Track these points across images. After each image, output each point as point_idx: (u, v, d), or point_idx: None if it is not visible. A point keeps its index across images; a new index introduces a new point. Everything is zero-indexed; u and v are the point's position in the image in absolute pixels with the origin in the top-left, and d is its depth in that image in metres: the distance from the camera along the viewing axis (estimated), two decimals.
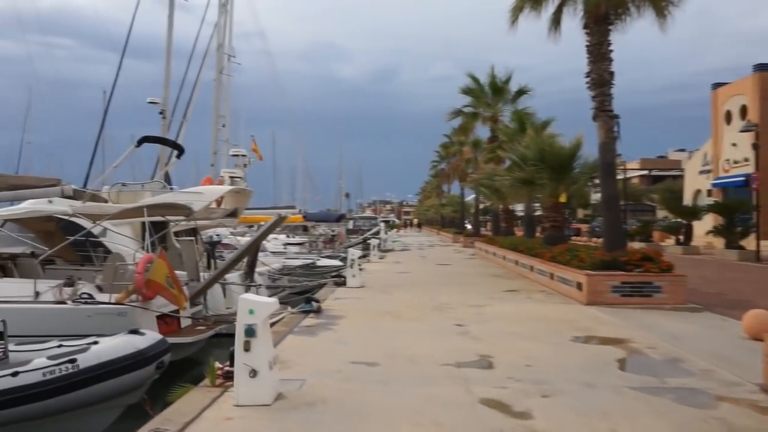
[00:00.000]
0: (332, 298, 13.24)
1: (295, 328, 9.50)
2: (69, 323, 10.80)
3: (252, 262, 17.20)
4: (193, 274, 14.38)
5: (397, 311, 11.25)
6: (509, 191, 19.65)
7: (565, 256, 13.90)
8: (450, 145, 50.73)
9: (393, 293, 14.17)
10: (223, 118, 31.53)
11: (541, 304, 12.18)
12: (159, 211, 14.37)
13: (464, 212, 52.23)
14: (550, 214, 17.52)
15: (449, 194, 68.72)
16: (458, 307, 11.83)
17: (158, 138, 19.24)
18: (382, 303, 12.42)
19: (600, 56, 13.24)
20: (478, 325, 9.67)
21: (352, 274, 15.60)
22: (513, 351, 7.72)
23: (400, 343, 8.28)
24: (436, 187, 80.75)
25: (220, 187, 18.87)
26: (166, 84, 27.46)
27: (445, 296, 13.43)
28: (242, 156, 22.81)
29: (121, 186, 17.30)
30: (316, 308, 11.17)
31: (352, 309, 11.63)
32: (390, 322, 10.14)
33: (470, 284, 16.22)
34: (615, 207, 13.44)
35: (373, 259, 25.69)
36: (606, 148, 13.24)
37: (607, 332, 9.01)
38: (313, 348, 8.00)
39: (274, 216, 14.20)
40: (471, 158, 39.76)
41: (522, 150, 18.08)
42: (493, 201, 28.21)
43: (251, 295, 5.70)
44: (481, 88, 30.26)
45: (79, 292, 11.27)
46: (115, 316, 10.83)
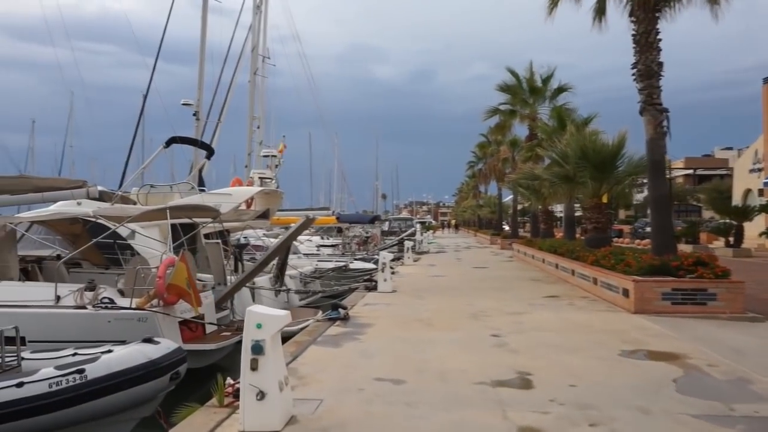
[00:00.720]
0: (361, 304, 12.63)
1: (318, 338, 8.91)
2: (89, 329, 10.46)
3: (282, 265, 16.76)
4: (219, 277, 13.99)
5: (428, 319, 10.59)
6: (549, 191, 18.77)
7: (610, 260, 13.02)
8: (487, 145, 49.70)
9: (426, 299, 13.49)
10: (258, 119, 31.40)
11: (584, 312, 11.35)
12: (185, 213, 13.99)
13: (502, 213, 51.15)
14: (592, 215, 16.59)
15: (486, 195, 67.61)
16: (495, 314, 11.10)
17: (187, 138, 18.96)
18: (414, 310, 11.76)
19: (647, 46, 12.34)
20: (516, 336, 8.93)
21: (384, 278, 14.97)
22: (554, 367, 6.98)
23: (431, 355, 7.62)
24: (473, 187, 79.57)
25: (250, 188, 18.48)
26: (200, 86, 27.38)
27: (481, 302, 12.70)
28: (273, 156, 22.41)
29: (150, 188, 17.05)
30: (343, 315, 10.57)
31: (382, 316, 11.00)
32: (421, 331, 9.48)
33: (508, 289, 15.43)
34: (664, 207, 12.50)
35: (407, 261, 25.00)
36: (654, 145, 12.33)
37: (659, 345, 8.17)
38: (336, 361, 7.39)
39: (302, 217, 13.67)
40: (508, 158, 38.73)
41: (562, 147, 17.19)
42: (531, 201, 27.19)
43: (259, 307, 5.12)
44: (519, 84, 29.29)
45: (100, 297, 10.93)
46: (135, 321, 10.46)
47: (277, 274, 16.69)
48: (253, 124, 31.25)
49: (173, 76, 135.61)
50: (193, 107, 26.97)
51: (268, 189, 18.86)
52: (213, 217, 14.34)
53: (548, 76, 28.82)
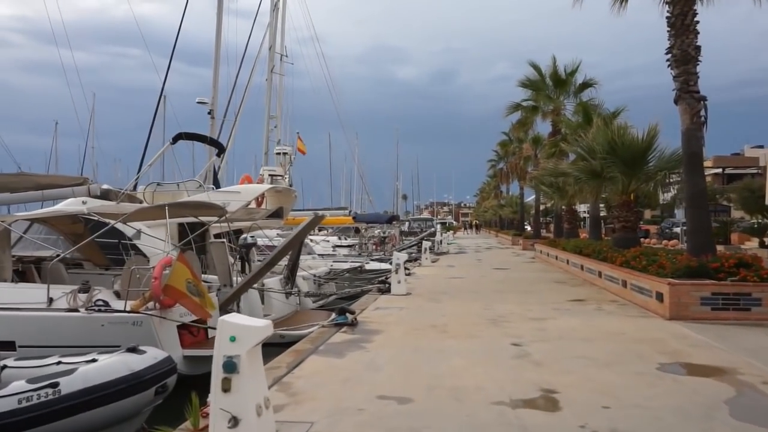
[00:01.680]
0: (372, 308, 11.82)
1: (321, 346, 8.12)
2: (81, 333, 9.80)
3: (293, 266, 15.97)
4: (225, 279, 13.22)
5: (444, 325, 9.74)
6: (574, 188, 17.79)
7: (641, 261, 12.04)
8: (508, 143, 48.57)
9: (442, 302, 12.64)
10: (275, 118, 30.94)
11: (615, 318, 10.41)
12: (187, 211, 13.32)
13: (524, 213, 49.98)
14: (620, 213, 15.58)
15: (508, 195, 66.42)
16: (516, 320, 10.22)
17: (195, 135, 18.32)
18: (429, 314, 10.92)
19: (684, 28, 11.37)
20: (540, 345, 8.05)
21: (398, 280, 14.13)
22: (584, 383, 6.09)
23: (444, 368, 6.78)
24: (494, 187, 78.37)
25: (259, 185, 17.75)
26: (215, 83, 26.82)
27: (502, 306, 11.81)
28: (285, 154, 21.69)
29: (156, 185, 16.43)
30: (351, 321, 9.77)
31: (393, 321, 10.19)
32: (435, 339, 8.64)
33: (530, 292, 14.51)
34: (702, 204, 11.50)
35: (424, 262, 24.13)
36: (691, 136, 11.34)
37: (702, 358, 7.23)
38: (337, 374, 6.59)
39: (310, 216, 12.89)
40: (530, 156, 37.63)
41: (588, 142, 16.21)
42: (554, 200, 26.16)
43: (236, 317, 4.34)
44: (542, 80, 28.22)
45: (94, 299, 10.25)
46: (130, 325, 9.78)
47: (287, 275, 15.91)
48: (270, 123, 30.79)
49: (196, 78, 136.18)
50: (208, 105, 26.44)
51: (280, 187, 18.12)
52: (219, 215, 13.61)
53: (573, 69, 27.72)
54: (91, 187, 12.90)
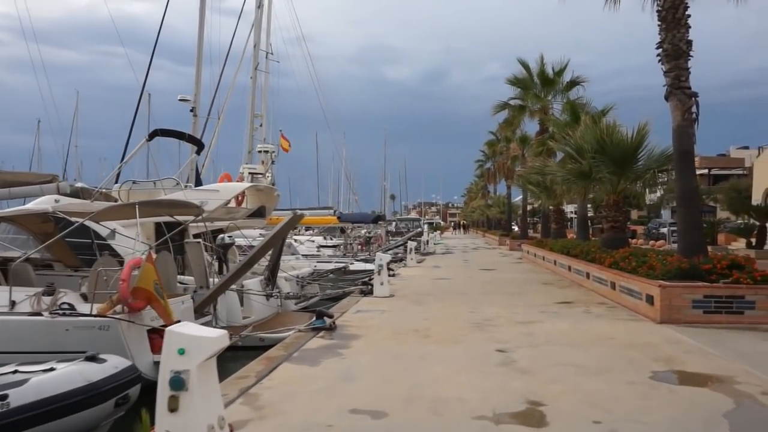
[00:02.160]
0: (353, 311, 11.37)
1: (295, 353, 7.66)
2: (44, 338, 9.27)
3: (274, 267, 15.47)
4: (201, 280, 12.71)
5: (426, 329, 9.30)
6: (561, 187, 17.44)
7: (631, 262, 11.69)
8: (495, 143, 48.25)
9: (426, 304, 12.21)
10: (260, 116, 30.48)
11: (604, 322, 10.03)
12: (161, 209, 12.78)
13: (511, 213, 49.72)
14: (609, 213, 15.23)
15: (495, 195, 66.22)
16: (502, 323, 9.81)
17: (172, 131, 17.76)
18: (411, 317, 10.48)
19: (675, 22, 11.01)
20: (526, 351, 7.63)
21: (381, 282, 13.68)
22: (573, 393, 5.68)
23: (424, 377, 6.34)
24: (481, 187, 78.13)
25: (238, 183, 17.26)
26: (197, 81, 26.26)
27: (487, 309, 11.41)
28: (266, 152, 21.18)
29: (132, 183, 15.90)
30: (329, 325, 9.31)
31: (374, 326, 9.74)
32: (416, 344, 8.20)
33: (517, 294, 14.12)
34: (694, 203, 11.15)
35: (410, 263, 23.71)
36: (682, 133, 10.98)
37: (697, 365, 6.85)
38: (309, 385, 6.13)
39: (288, 215, 12.42)
40: (518, 155, 37.31)
41: (577, 140, 15.85)
42: (542, 200, 25.83)
43: (186, 326, 3.87)
44: (530, 78, 27.87)
45: (59, 302, 9.71)
46: (96, 330, 9.25)
47: (268, 276, 15.41)
48: (255, 122, 30.33)
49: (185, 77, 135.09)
50: (191, 103, 25.90)
51: (260, 185, 17.65)
52: (195, 214, 13.10)
53: (561, 68, 27.38)
54: (60, 185, 12.33)
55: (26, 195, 12.53)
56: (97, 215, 10.62)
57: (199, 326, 3.96)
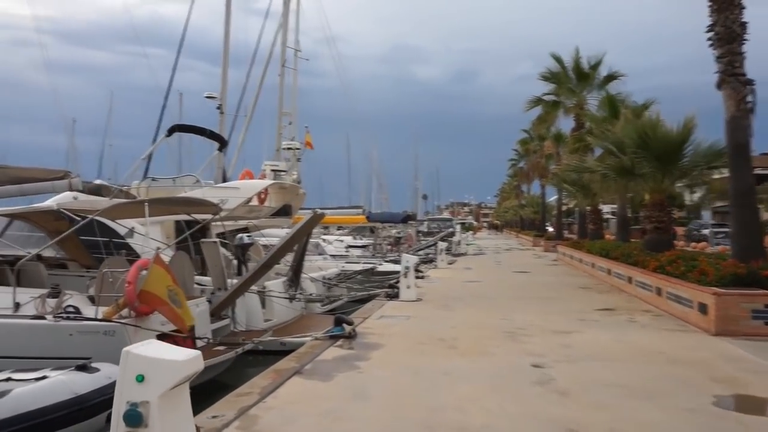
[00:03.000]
0: (376, 316, 10.63)
1: (307, 365, 6.94)
2: (48, 343, 8.76)
3: (297, 267, 14.82)
4: (219, 282, 12.08)
5: (453, 339, 8.51)
6: (600, 185, 16.44)
7: (679, 267, 10.69)
8: (529, 141, 47.00)
9: (454, 310, 11.40)
10: (288, 115, 30.18)
11: (651, 333, 9.09)
12: (178, 208, 12.23)
13: (545, 213, 48.38)
14: (652, 213, 14.19)
15: (529, 195, 64.80)
16: (537, 333, 8.95)
17: (192, 127, 17.28)
18: (438, 325, 9.70)
19: (727, 2, 10.01)
20: (565, 367, 6.79)
21: (407, 285, 12.90)
22: (621, 423, 4.84)
23: (447, 398, 5.56)
24: (515, 187, 76.70)
25: (260, 181, 16.68)
26: (224, 78, 25.91)
27: (521, 316, 10.55)
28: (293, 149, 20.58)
29: (151, 181, 15.46)
30: (348, 333, 8.59)
31: (397, 333, 8.98)
32: (441, 357, 7.42)
33: (553, 299, 13.21)
34: (750, 203, 10.12)
35: (440, 264, 22.85)
36: (736, 125, 9.97)
37: (766, 388, 5.93)
38: (317, 404, 5.41)
39: (309, 214, 11.74)
40: (552, 153, 36.13)
41: (617, 135, 14.84)
42: (578, 199, 24.75)
43: (149, 346, 3.18)
44: (564, 72, 26.76)
45: (64, 305, 9.19)
46: (101, 335, 8.69)
47: (291, 277, 14.76)
48: (284, 120, 30.01)
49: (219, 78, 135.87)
50: (217, 100, 25.58)
51: (284, 183, 17.04)
52: (214, 212, 12.49)
53: (597, 62, 26.22)
54: (72, 181, 11.88)
55: (38, 192, 12.12)
56: (104, 213, 10.10)
57: (166, 346, 3.26)
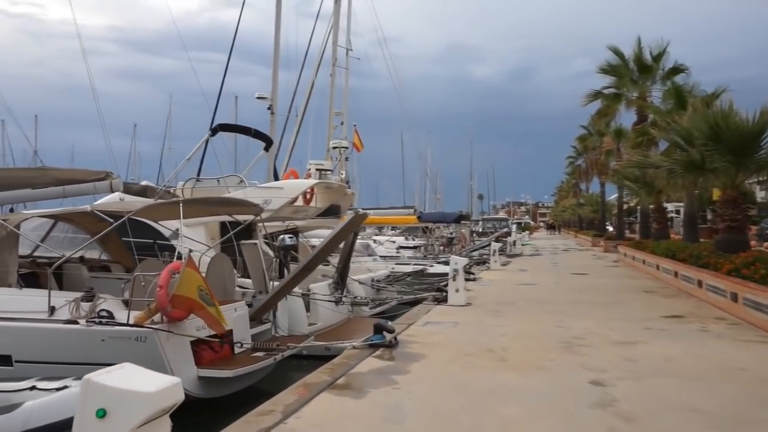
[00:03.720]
0: (421, 323, 9.96)
1: (340, 378, 6.35)
2: (80, 348, 8.48)
3: (343, 269, 14.31)
4: (260, 285, 11.69)
5: (503, 349, 7.77)
6: (666, 181, 15.27)
7: (758, 270, 9.62)
8: (587, 137, 45.22)
9: (506, 316, 10.62)
10: (340, 115, 29.92)
11: (727, 345, 8.11)
12: (218, 208, 11.88)
13: (605, 212, 46.54)
14: (725, 211, 13.01)
15: (587, 193, 62.68)
16: (596, 343, 8.11)
17: (236, 126, 16.99)
18: (487, 333, 8.96)
19: None
20: (629, 386, 5.97)
21: (456, 289, 12.17)
22: None
23: (492, 423, 4.87)
24: (572, 185, 74.41)
25: (304, 180, 16.22)
26: (274, 78, 25.77)
27: (578, 323, 9.70)
28: (340, 148, 20.10)
29: (195, 181, 15.21)
30: (389, 341, 7.96)
31: (442, 342, 8.30)
32: (488, 370, 6.71)
33: (614, 303, 12.24)
34: None
35: (494, 266, 21.96)
36: None
37: None
38: (344, 426, 4.81)
39: (350, 214, 11.18)
40: (612, 150, 34.54)
41: (685, 126, 13.70)
42: (640, 197, 23.36)
43: (114, 372, 2.64)
44: (625, 65, 25.43)
45: (97, 309, 8.90)
46: (133, 341, 8.36)
47: (337, 280, 14.26)
48: (335, 120, 29.77)
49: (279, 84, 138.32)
50: (268, 101, 25.46)
51: (329, 182, 16.54)
52: (256, 213, 12.08)
53: (660, 52, 24.70)
54: (113, 182, 11.67)
55: (79, 193, 11.97)
56: (137, 213, 9.79)
57: (139, 373, 2.71)
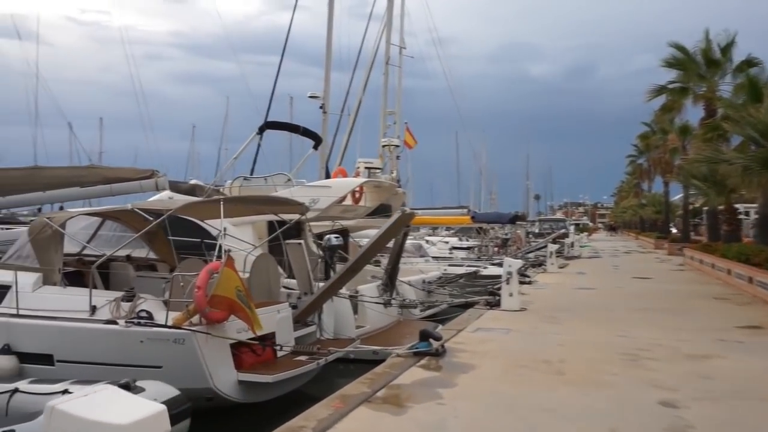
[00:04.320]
0: (471, 328, 9.37)
1: (380, 390, 5.86)
2: (119, 349, 8.30)
3: (392, 270, 13.85)
4: (305, 286, 11.33)
5: (560, 361, 7.13)
6: (739, 180, 14.17)
7: None
8: (650, 135, 43.30)
9: (562, 323, 9.93)
10: (393, 114, 29.59)
11: None
12: (263, 207, 11.60)
13: (669, 213, 44.54)
14: None
15: (650, 193, 60.30)
16: (665, 356, 7.38)
17: (284, 124, 16.77)
18: (542, 341, 8.32)
19: None
20: (706, 409, 5.27)
21: (509, 293, 11.52)
22: None
23: None
24: (633, 185, 71.82)
25: (352, 179, 15.84)
26: (327, 76, 25.63)
27: (644, 332, 8.93)
28: (390, 146, 19.66)
29: (243, 180, 15.06)
30: (435, 350, 7.43)
31: (493, 352, 7.72)
32: (542, 385, 6.10)
33: (682, 311, 11.36)
34: None
35: (550, 268, 21.06)
36: None
37: None
38: None
39: (396, 214, 10.68)
40: (677, 147, 32.91)
41: (761, 120, 12.65)
42: (709, 196, 22.03)
43: (85, 399, 2.22)
44: (691, 58, 24.09)
45: (137, 309, 8.70)
46: (171, 343, 8.12)
47: (386, 281, 13.81)
48: (389, 120, 29.49)
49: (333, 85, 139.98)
50: (320, 100, 25.31)
51: (379, 181, 16.11)
52: (301, 212, 11.72)
53: (728, 43, 23.28)
54: (159, 181, 11.60)
55: (126, 191, 11.94)
56: (178, 211, 9.58)
57: (116, 398, 2.29)
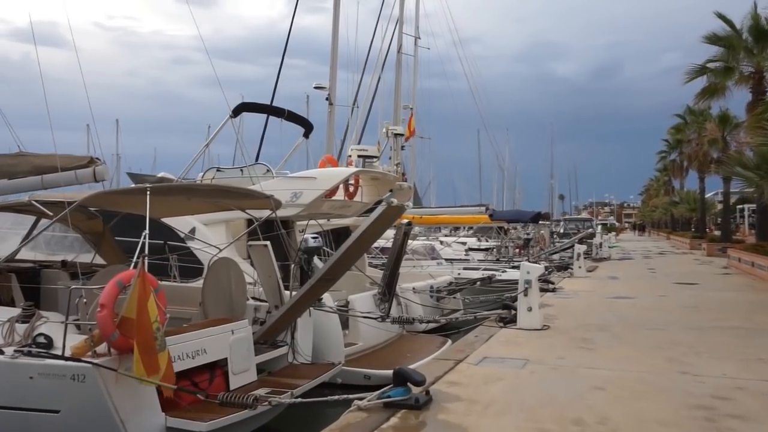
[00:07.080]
0: (474, 359, 6.94)
1: None
2: (6, 388, 6.17)
3: (390, 278, 11.53)
4: (273, 298, 9.04)
5: (601, 419, 4.75)
6: None
7: None
8: (683, 127, 40.43)
9: (599, 350, 7.49)
10: (410, 108, 28.28)
11: None
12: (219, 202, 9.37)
13: (705, 211, 41.56)
14: None
15: (682, 190, 57.21)
16: (758, 411, 4.98)
17: (263, 106, 14.57)
18: (572, 382, 5.91)
19: None
20: None
21: (528, 307, 9.08)
22: None
23: None
24: (664, 183, 68.64)
25: (342, 169, 13.55)
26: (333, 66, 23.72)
27: (712, 365, 6.49)
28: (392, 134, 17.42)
29: (216, 171, 12.92)
30: (414, 400, 5.10)
31: (499, 401, 5.33)
32: None
33: (755, 331, 8.84)
34: None
35: (577, 272, 18.52)
36: None
37: None
38: None
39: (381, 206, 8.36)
40: (717, 138, 30.13)
41: None
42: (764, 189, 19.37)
43: None
44: (737, 35, 21.46)
45: (34, 333, 6.55)
46: (68, 380, 5.95)
47: (383, 290, 11.49)
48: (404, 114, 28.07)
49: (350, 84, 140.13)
50: (326, 91, 23.47)
51: (376, 171, 13.81)
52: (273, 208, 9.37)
53: None
54: (97, 170, 9.46)
55: (59, 183, 9.83)
56: (84, 202, 7.39)
57: None
